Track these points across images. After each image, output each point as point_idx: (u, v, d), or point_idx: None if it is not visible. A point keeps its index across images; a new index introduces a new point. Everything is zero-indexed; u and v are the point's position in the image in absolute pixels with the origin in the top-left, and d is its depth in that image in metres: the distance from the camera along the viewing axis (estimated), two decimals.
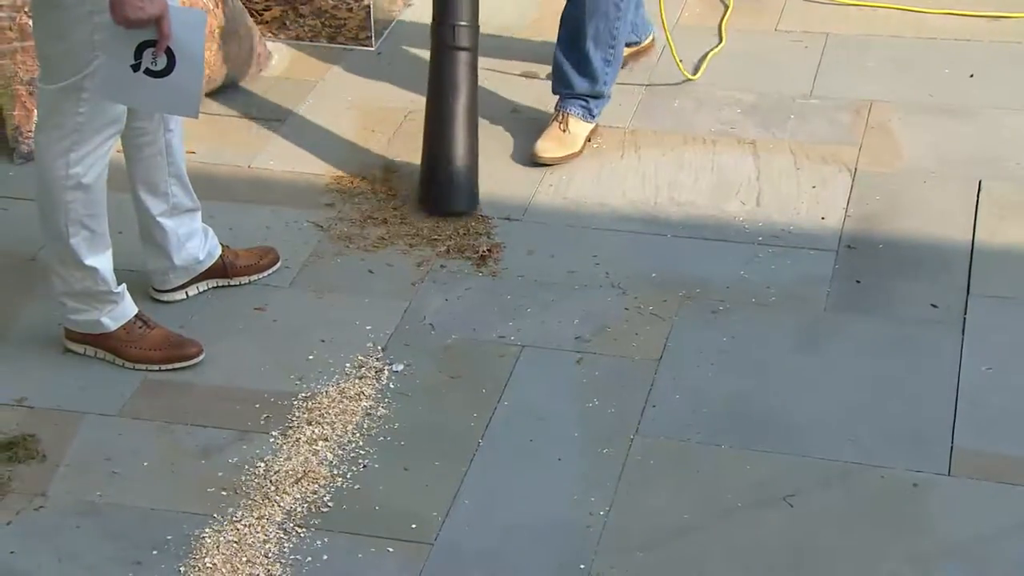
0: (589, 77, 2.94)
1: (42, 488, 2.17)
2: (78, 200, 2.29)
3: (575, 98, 2.95)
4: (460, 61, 2.76)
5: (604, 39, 2.91)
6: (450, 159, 2.77)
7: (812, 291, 2.60)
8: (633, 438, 2.27)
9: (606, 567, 2.04)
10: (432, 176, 2.79)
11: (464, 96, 2.76)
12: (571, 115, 2.95)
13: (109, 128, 2.26)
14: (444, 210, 2.77)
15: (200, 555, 2.05)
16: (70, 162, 2.25)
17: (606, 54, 2.93)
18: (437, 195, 2.78)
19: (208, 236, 2.59)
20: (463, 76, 2.76)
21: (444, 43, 2.76)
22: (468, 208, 2.77)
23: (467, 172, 2.78)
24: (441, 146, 2.77)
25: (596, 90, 2.95)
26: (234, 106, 3.23)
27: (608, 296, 2.61)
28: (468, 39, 2.76)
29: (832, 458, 2.22)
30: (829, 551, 2.06)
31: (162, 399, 2.37)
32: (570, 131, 2.95)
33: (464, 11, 2.75)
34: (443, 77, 2.77)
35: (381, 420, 2.32)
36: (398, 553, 2.06)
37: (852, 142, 3.04)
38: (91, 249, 2.34)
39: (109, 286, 2.38)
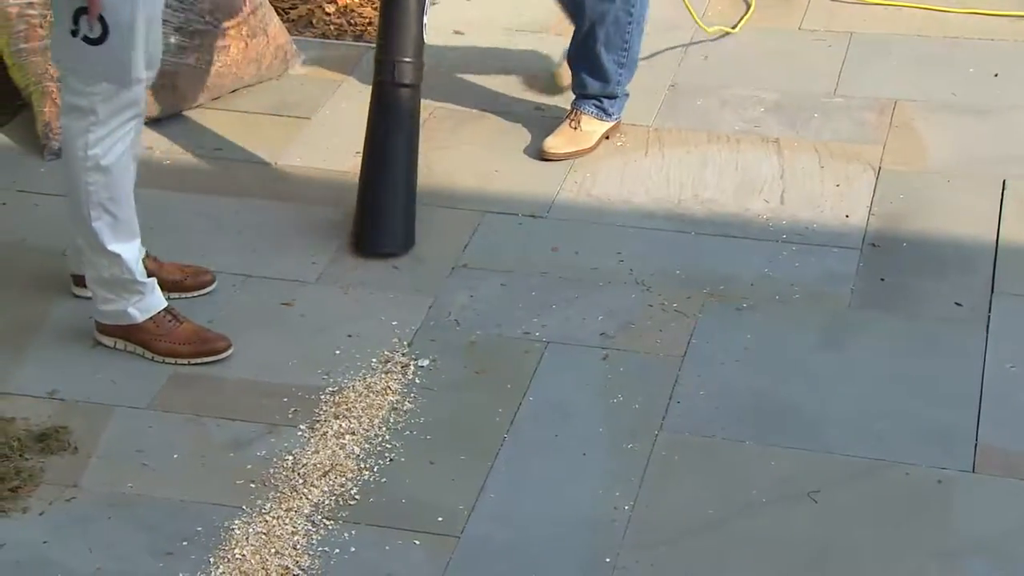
0: (602, 79, 2.92)
1: (74, 479, 2.21)
2: (98, 183, 2.30)
3: (588, 98, 2.95)
4: (402, 98, 2.63)
5: (615, 43, 2.88)
6: (385, 200, 2.65)
7: (836, 289, 2.61)
8: (658, 434, 2.29)
9: (631, 561, 2.05)
10: (365, 215, 2.67)
11: (404, 135, 2.64)
12: (584, 113, 2.95)
13: (126, 111, 2.28)
14: (375, 251, 2.65)
15: (230, 546, 2.08)
16: (88, 143, 2.28)
17: (618, 57, 2.90)
18: (369, 236, 2.66)
19: None
20: (404, 114, 2.64)
21: (385, 79, 2.64)
22: (401, 250, 2.66)
23: (403, 214, 2.66)
24: (376, 186, 2.66)
25: (609, 91, 2.94)
26: (260, 103, 3.26)
27: (632, 293, 2.62)
28: (411, 76, 2.63)
29: (856, 455, 2.23)
30: (853, 547, 2.07)
31: (191, 392, 2.40)
32: (582, 128, 2.95)
33: (408, 46, 2.62)
34: (383, 114, 2.65)
35: (407, 414, 2.34)
36: (425, 545, 2.08)
37: (876, 141, 3.04)
38: (115, 235, 2.35)
39: (134, 275, 2.39)
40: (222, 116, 3.21)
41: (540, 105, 3.17)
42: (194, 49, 3.17)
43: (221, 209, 2.89)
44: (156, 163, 3.03)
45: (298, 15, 3.62)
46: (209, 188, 2.96)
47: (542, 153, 2.93)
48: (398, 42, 2.61)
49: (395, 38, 2.61)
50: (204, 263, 2.67)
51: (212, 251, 2.73)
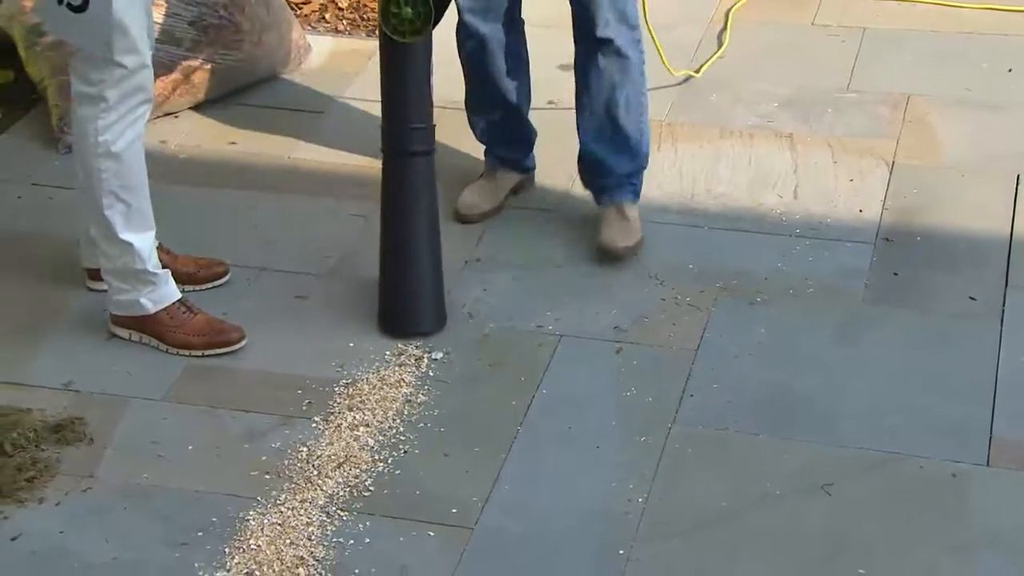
0: (628, 154, 2.65)
1: (90, 470, 2.22)
2: (109, 169, 2.31)
3: (620, 184, 2.67)
4: (416, 167, 2.43)
5: (635, 108, 2.64)
6: (410, 280, 2.46)
7: (850, 283, 2.61)
8: (671, 427, 2.29)
9: (644, 553, 2.06)
10: (392, 297, 2.48)
11: (422, 206, 2.44)
12: (625, 205, 2.67)
13: (134, 96, 2.28)
14: (409, 332, 2.46)
15: (245, 537, 2.09)
16: (99, 129, 2.29)
17: (638, 123, 2.65)
18: (400, 317, 2.47)
19: None
20: (420, 184, 2.43)
21: (396, 149, 2.43)
22: (435, 329, 2.47)
23: (431, 292, 2.48)
24: (398, 266, 2.47)
25: (639, 165, 2.68)
26: (274, 98, 3.27)
27: (645, 287, 2.62)
28: (424, 142, 2.42)
29: (870, 448, 2.23)
30: (867, 540, 2.07)
31: (206, 384, 2.41)
32: (629, 219, 2.66)
33: (418, 111, 2.40)
34: (398, 185, 2.44)
35: (421, 407, 2.35)
36: (439, 537, 2.09)
37: (890, 136, 3.04)
38: (127, 224, 2.36)
39: (146, 264, 2.39)
40: (236, 110, 3.22)
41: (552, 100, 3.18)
42: (208, 43, 3.18)
43: (235, 202, 2.90)
44: (170, 157, 3.04)
45: (311, 10, 3.63)
46: (223, 182, 2.97)
47: (609, 252, 2.62)
48: (409, 108, 2.40)
49: (404, 104, 2.40)
50: (218, 256, 2.68)
51: (226, 244, 2.74)
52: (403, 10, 2.30)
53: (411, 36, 2.32)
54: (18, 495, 2.16)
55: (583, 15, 2.58)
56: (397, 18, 2.32)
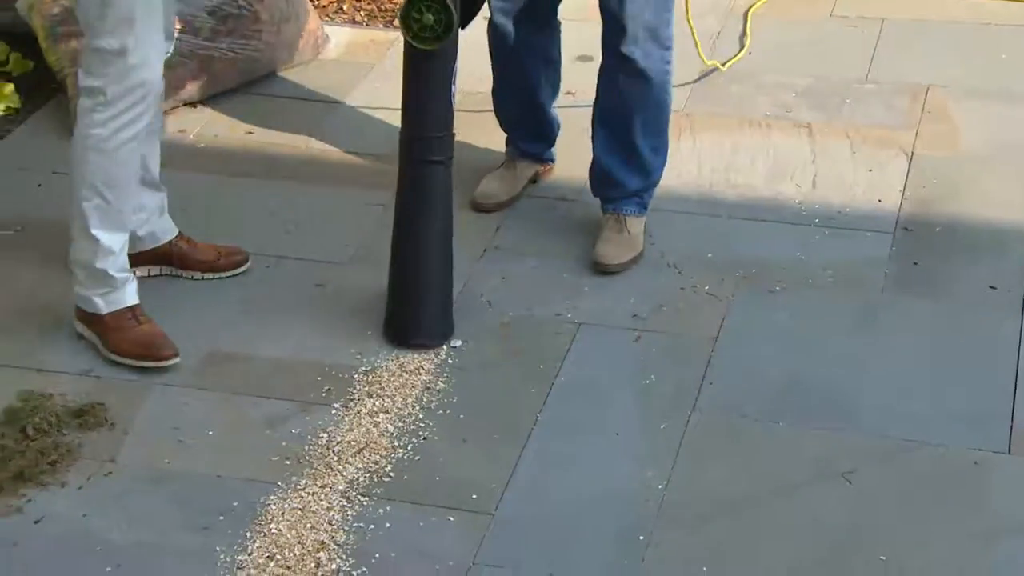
0: (640, 172, 2.62)
1: (111, 454, 2.23)
2: (96, 163, 2.29)
3: (627, 198, 2.65)
4: (433, 176, 2.38)
5: (652, 128, 2.59)
6: (419, 289, 2.43)
7: (869, 272, 2.60)
8: (690, 414, 2.29)
9: (665, 538, 2.06)
10: (400, 306, 2.45)
11: (438, 214, 2.41)
12: (627, 216, 2.63)
13: (131, 94, 2.25)
14: (412, 343, 2.43)
15: (266, 521, 2.09)
16: (93, 122, 2.27)
17: (655, 143, 2.61)
18: (405, 326, 2.44)
19: (160, 219, 2.54)
20: (436, 193, 2.40)
21: (414, 156, 2.39)
22: (440, 342, 2.43)
23: (439, 303, 2.44)
24: (408, 274, 2.44)
25: (649, 182, 2.65)
26: (292, 88, 3.27)
27: (664, 276, 2.62)
28: (443, 151, 2.39)
29: (891, 436, 2.23)
30: (888, 527, 2.07)
31: (225, 371, 2.41)
32: (630, 232, 2.62)
33: (438, 119, 2.36)
34: (414, 194, 2.40)
35: (440, 394, 2.35)
36: (459, 522, 2.09)
37: (909, 126, 3.03)
38: (102, 221, 2.33)
39: (107, 266, 2.35)
40: (254, 100, 3.23)
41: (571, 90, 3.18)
42: (227, 33, 3.19)
43: (254, 191, 2.91)
44: (189, 146, 3.05)
45: (329, 1, 3.63)
46: (242, 171, 2.97)
47: (599, 267, 2.60)
48: (428, 116, 2.36)
49: (423, 112, 2.36)
50: (237, 244, 2.69)
51: (245, 232, 2.74)
52: (424, 16, 2.28)
53: (432, 43, 2.30)
54: (41, 479, 2.17)
55: (613, 26, 2.52)
56: (418, 24, 2.29)
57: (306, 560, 2.02)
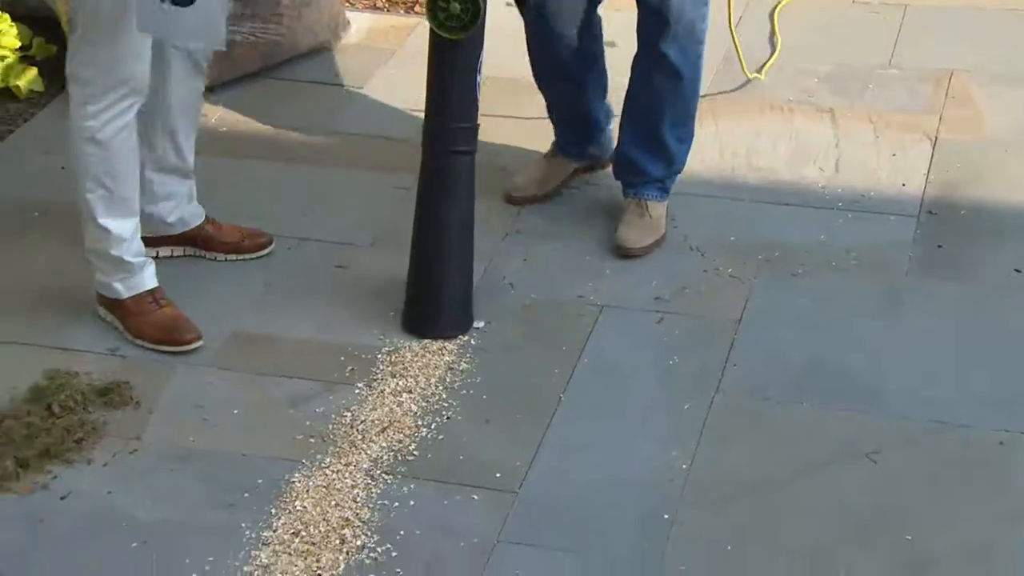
0: (665, 161, 2.62)
1: (136, 432, 2.24)
2: (94, 155, 2.30)
3: (649, 183, 2.64)
4: (456, 167, 2.36)
5: (680, 119, 2.60)
6: (439, 280, 2.41)
7: (893, 255, 2.60)
8: (714, 395, 2.29)
9: (689, 518, 2.06)
10: (418, 296, 2.43)
11: (460, 206, 2.39)
12: (649, 201, 2.63)
13: (121, 87, 2.25)
14: (430, 335, 2.41)
15: (290, 498, 2.10)
16: (86, 114, 2.28)
17: (681, 133, 2.62)
18: (423, 317, 2.42)
19: (189, 204, 2.55)
20: (459, 184, 2.38)
21: (438, 146, 2.37)
22: (458, 333, 2.41)
23: (459, 295, 2.43)
24: (429, 264, 2.42)
25: (673, 170, 2.65)
26: (313, 73, 3.28)
27: (686, 259, 2.62)
28: (467, 142, 2.36)
29: (916, 417, 2.22)
30: (914, 508, 2.06)
31: (249, 351, 2.42)
32: (651, 216, 2.62)
33: (463, 110, 2.33)
34: (437, 184, 2.38)
35: (463, 374, 2.35)
36: (483, 500, 2.10)
37: (932, 111, 3.02)
38: (108, 210, 2.34)
39: (122, 252, 2.37)
40: (276, 84, 3.24)
41: None
42: (248, 18, 3.19)
43: (275, 174, 2.91)
44: (211, 130, 3.05)
45: None
46: (263, 154, 2.98)
47: (621, 250, 2.59)
48: (453, 106, 2.33)
49: (449, 101, 2.33)
50: (259, 227, 2.69)
51: (267, 215, 2.75)
52: (451, 5, 2.25)
53: (458, 32, 2.27)
54: (67, 456, 2.18)
55: (652, 20, 2.49)
56: (445, 13, 2.27)
57: (331, 536, 2.03)
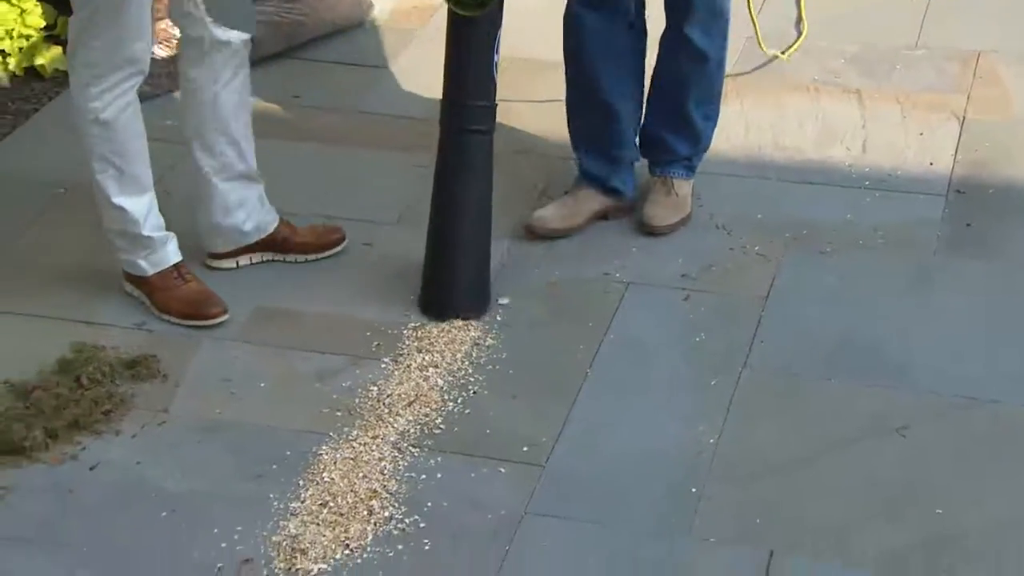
0: (691, 139, 2.60)
1: (164, 405, 2.24)
2: (99, 135, 2.30)
3: (676, 161, 2.62)
4: (474, 145, 2.34)
5: (706, 97, 2.57)
6: (456, 261, 2.38)
7: (921, 234, 2.58)
8: (741, 371, 2.28)
9: (718, 492, 2.05)
10: (435, 277, 2.40)
11: (477, 187, 2.35)
12: (675, 179, 2.61)
13: (127, 67, 2.25)
14: (447, 315, 2.38)
15: (318, 470, 2.10)
16: (89, 96, 2.27)
17: (707, 111, 2.59)
18: (440, 298, 2.40)
19: (262, 209, 2.54)
20: (477, 163, 2.35)
21: (455, 125, 2.34)
22: (476, 313, 2.38)
23: (476, 274, 2.40)
24: (446, 245, 2.39)
25: (700, 147, 2.62)
26: (336, 53, 3.28)
27: (712, 237, 2.61)
28: (484, 121, 2.33)
29: (945, 393, 2.21)
30: (943, 482, 2.05)
31: (276, 326, 2.42)
32: (677, 194, 2.59)
33: (480, 87, 2.31)
34: (453, 163, 2.36)
35: (489, 350, 2.35)
36: (510, 473, 2.10)
37: (959, 91, 3.00)
38: (120, 188, 2.34)
39: (140, 229, 2.37)
40: (299, 65, 3.24)
41: None
42: None
43: (300, 153, 2.91)
44: None
45: None
46: (287, 134, 2.98)
47: (649, 228, 2.57)
48: (469, 84, 2.31)
49: (465, 79, 2.31)
50: (283, 206, 2.68)
51: (291, 194, 2.75)
52: None
53: (475, 8, 2.25)
54: (95, 427, 2.19)
55: (676, 4, 2.46)
56: None
57: (359, 508, 2.03)
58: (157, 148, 2.43)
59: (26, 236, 2.66)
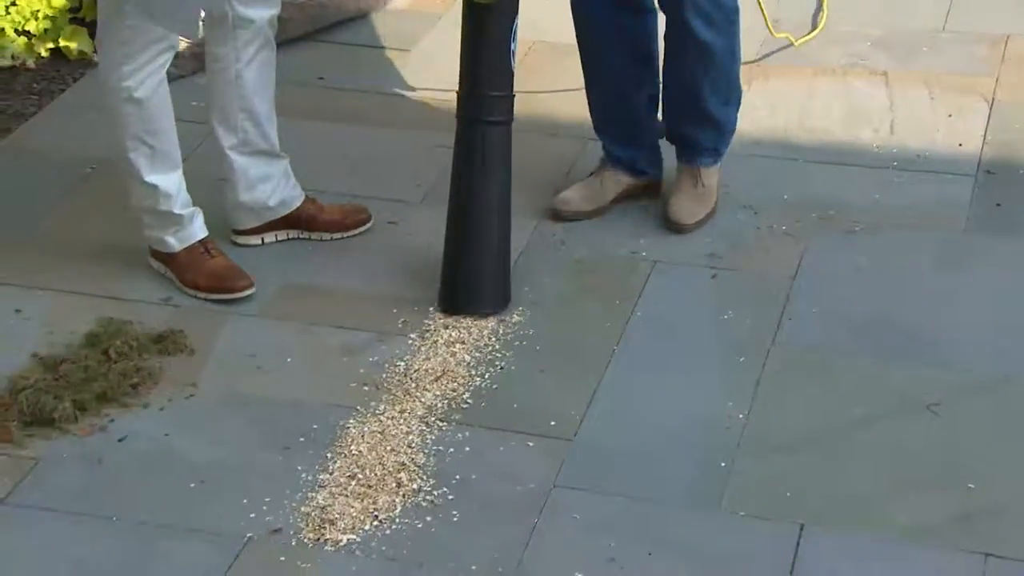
0: (714, 129, 2.53)
1: (192, 379, 2.24)
2: (133, 114, 2.30)
3: (702, 151, 2.55)
4: (492, 137, 2.30)
5: (722, 85, 2.48)
6: (476, 253, 2.34)
7: (951, 214, 2.57)
8: (770, 348, 2.27)
9: (747, 466, 2.04)
10: (454, 272, 2.36)
11: (495, 179, 2.32)
12: (702, 168, 2.53)
13: (158, 43, 2.26)
14: (466, 311, 2.34)
15: (346, 443, 2.10)
16: (122, 75, 2.28)
17: (725, 96, 2.50)
18: (459, 294, 2.35)
19: (287, 184, 2.53)
20: (495, 156, 2.31)
21: (472, 116, 2.30)
22: (495, 309, 2.34)
23: (495, 269, 2.35)
24: (464, 240, 2.35)
25: (724, 136, 2.54)
26: (360, 36, 3.28)
27: (739, 216, 2.60)
28: (503, 112, 2.30)
29: (977, 370, 2.19)
30: (977, 457, 2.04)
31: (302, 302, 2.42)
32: (704, 185, 2.53)
33: (498, 78, 2.28)
34: (471, 155, 2.32)
35: (516, 326, 2.34)
36: (539, 447, 2.09)
37: (988, 73, 2.98)
38: (152, 166, 2.35)
39: (171, 206, 2.37)
40: (323, 47, 3.24)
41: None
42: None
43: (324, 134, 2.91)
44: None
45: None
46: (312, 114, 2.98)
47: (675, 226, 2.51)
48: (486, 74, 2.28)
49: (482, 70, 2.28)
50: (309, 185, 2.68)
51: (317, 173, 2.74)
52: None
53: None
54: (123, 400, 2.19)
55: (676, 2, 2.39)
56: None
57: (387, 480, 2.03)
58: (184, 128, 2.44)
59: (54, 214, 2.66)
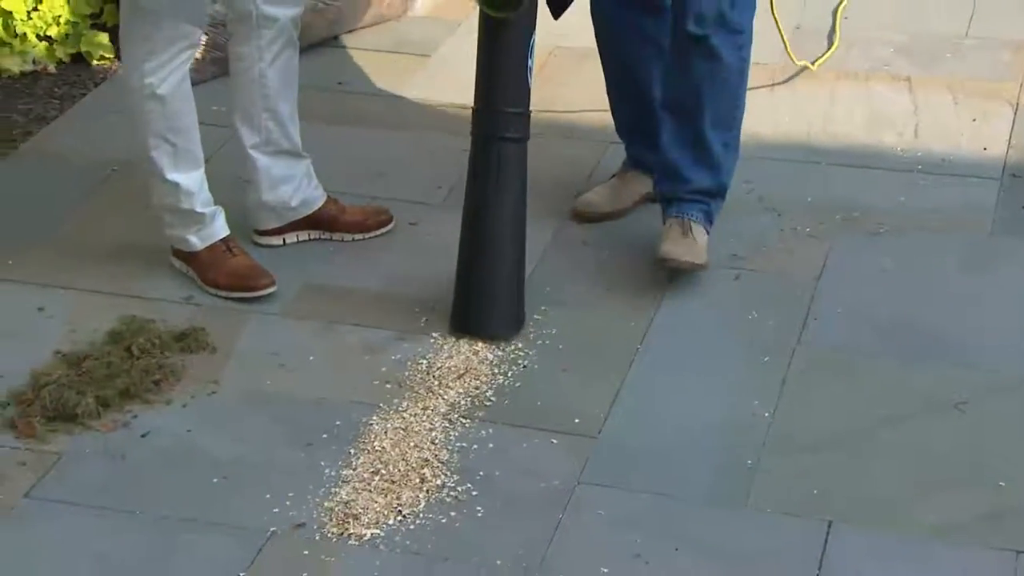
0: (708, 167, 2.37)
1: (214, 376, 2.24)
2: (155, 111, 2.30)
3: (694, 200, 2.39)
4: (508, 154, 2.24)
5: (725, 120, 2.37)
6: (489, 276, 2.28)
7: (976, 217, 2.56)
8: (795, 348, 2.25)
9: (773, 465, 2.02)
10: (467, 293, 2.30)
11: (510, 198, 2.26)
12: (693, 222, 2.38)
13: (181, 40, 2.27)
14: (480, 333, 2.27)
15: (369, 439, 2.09)
16: (144, 72, 2.28)
17: (726, 137, 2.38)
18: (473, 315, 2.29)
19: (309, 185, 2.53)
20: (511, 173, 2.25)
21: (487, 133, 2.25)
22: (509, 332, 2.27)
23: (508, 292, 2.29)
24: (478, 259, 2.29)
25: (719, 183, 2.40)
26: (381, 42, 3.29)
27: (762, 218, 2.59)
28: (519, 128, 2.25)
29: (1004, 371, 2.18)
30: (1006, 456, 2.02)
31: (322, 302, 2.42)
32: (695, 237, 2.37)
33: (514, 94, 2.22)
34: (486, 173, 2.26)
35: (538, 325, 2.34)
36: (563, 444, 2.08)
37: (1012, 79, 2.98)
38: (174, 164, 2.35)
39: (193, 204, 2.37)
40: (344, 53, 3.25)
41: None
42: None
43: (345, 138, 2.92)
44: None
45: None
46: (333, 119, 2.99)
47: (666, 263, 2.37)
48: (502, 90, 2.22)
49: (498, 85, 2.22)
50: (330, 188, 2.68)
51: (338, 176, 2.74)
52: None
53: (505, 9, 2.16)
54: (146, 396, 2.18)
55: (677, 4, 2.32)
56: None
57: (411, 476, 2.01)
58: (205, 131, 2.44)
59: (75, 216, 2.67)
